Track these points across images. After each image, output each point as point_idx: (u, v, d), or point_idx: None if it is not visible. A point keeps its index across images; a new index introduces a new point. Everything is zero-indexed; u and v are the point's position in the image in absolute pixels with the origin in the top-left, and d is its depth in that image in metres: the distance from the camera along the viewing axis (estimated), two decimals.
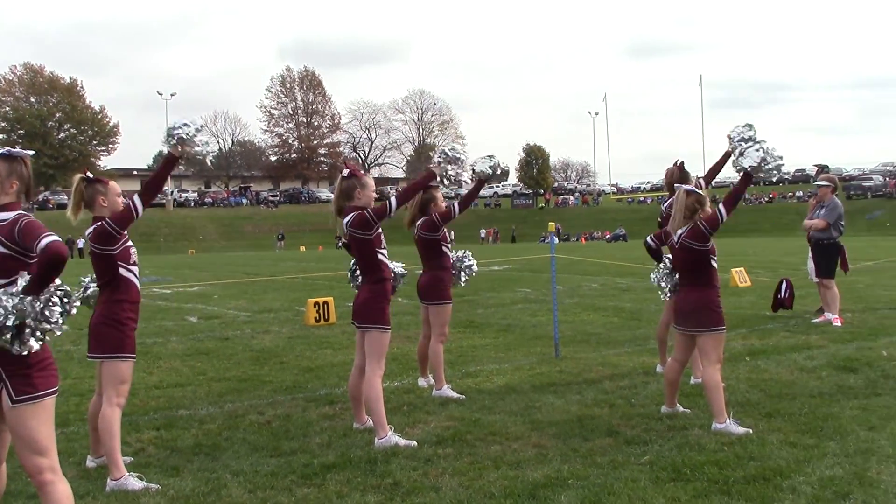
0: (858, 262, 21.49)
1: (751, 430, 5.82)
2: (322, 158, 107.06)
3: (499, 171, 7.05)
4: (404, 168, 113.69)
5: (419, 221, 7.50)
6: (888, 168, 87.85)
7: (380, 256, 6.02)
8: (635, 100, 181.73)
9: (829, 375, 7.79)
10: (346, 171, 6.14)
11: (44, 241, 3.44)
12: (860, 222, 64.19)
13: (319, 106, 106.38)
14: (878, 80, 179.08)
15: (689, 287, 6.12)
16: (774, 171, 6.13)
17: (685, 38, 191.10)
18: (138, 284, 5.26)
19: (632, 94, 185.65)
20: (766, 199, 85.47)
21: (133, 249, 5.27)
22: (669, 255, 6.62)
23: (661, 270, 6.73)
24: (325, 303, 13.13)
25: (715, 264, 6.10)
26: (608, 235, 72.19)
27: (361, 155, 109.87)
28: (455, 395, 7.33)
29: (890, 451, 5.28)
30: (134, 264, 5.23)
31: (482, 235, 76.56)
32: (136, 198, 5.13)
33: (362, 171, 6.31)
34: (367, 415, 6.15)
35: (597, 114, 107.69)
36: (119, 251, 5.13)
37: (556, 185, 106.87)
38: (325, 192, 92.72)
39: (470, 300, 16.04)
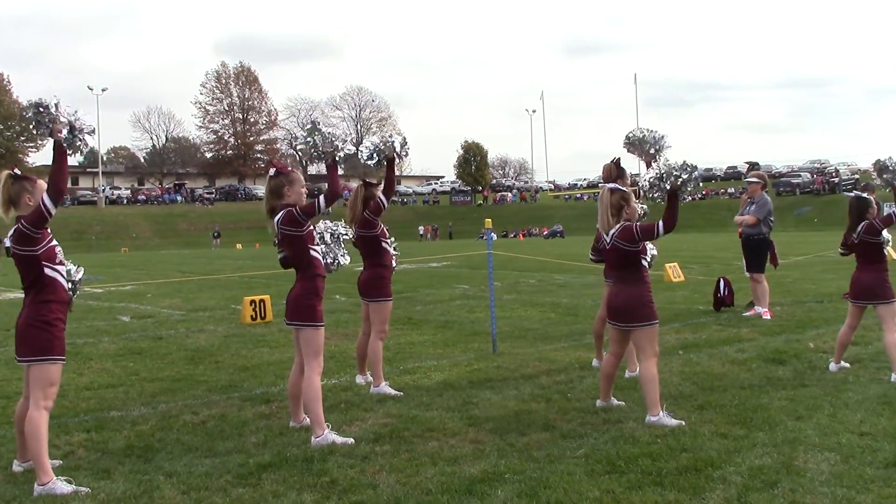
0: (787, 257, 22.04)
1: (683, 423, 5.93)
2: (259, 155, 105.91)
3: (398, 146, 7.16)
4: (342, 163, 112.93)
5: (359, 220, 7.47)
6: (816, 166, 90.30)
7: (312, 253, 5.97)
8: (572, 98, 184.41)
9: (758, 367, 7.97)
10: (272, 171, 6.09)
11: None
12: (789, 218, 65.82)
13: (256, 102, 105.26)
14: (807, 81, 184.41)
15: (621, 284, 6.20)
16: (681, 183, 5.91)
17: (620, 37, 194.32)
18: (65, 284, 5.13)
19: (569, 92, 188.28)
20: (699, 195, 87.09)
21: (58, 249, 5.11)
22: None
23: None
24: (262, 301, 12.98)
25: (646, 263, 6.19)
26: (546, 232, 72.92)
27: (299, 153, 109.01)
28: (393, 391, 7.32)
29: (816, 441, 5.42)
30: (60, 263, 5.08)
31: (420, 232, 76.57)
32: (44, 196, 4.90)
33: (289, 168, 6.25)
34: (305, 413, 6.09)
35: (534, 111, 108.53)
36: (42, 251, 4.98)
37: (494, 182, 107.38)
38: (261, 190, 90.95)
39: (408, 297, 16.03)
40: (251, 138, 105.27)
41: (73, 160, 6.54)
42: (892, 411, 6.11)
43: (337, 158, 6.02)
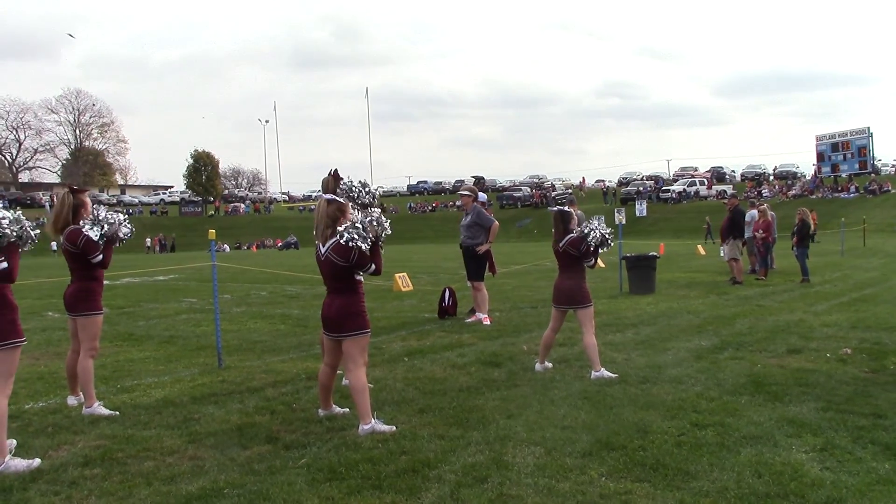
0: (507, 266, 23.42)
1: (395, 428, 6.06)
2: None
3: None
4: (59, 172, 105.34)
5: (66, 231, 6.94)
6: (535, 181, 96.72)
7: None
8: (305, 110, 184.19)
9: (477, 370, 8.40)
10: None
11: None
12: (511, 229, 69.97)
13: None
14: (521, 101, 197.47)
15: (335, 294, 6.21)
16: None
17: (349, 52, 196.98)
18: None
19: (302, 104, 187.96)
20: (430, 208, 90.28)
21: None
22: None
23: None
24: None
25: (360, 277, 6.22)
26: (280, 243, 72.16)
27: (8, 157, 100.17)
28: (107, 412, 6.90)
29: (525, 436, 5.80)
30: None
31: (147, 244, 72.95)
32: None
33: None
34: None
35: (267, 122, 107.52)
36: None
37: (226, 192, 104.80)
38: None
39: (130, 312, 15.24)
40: None
41: None
42: (591, 405, 6.67)
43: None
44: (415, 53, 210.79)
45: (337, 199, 6.23)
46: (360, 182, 7.28)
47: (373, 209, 6.46)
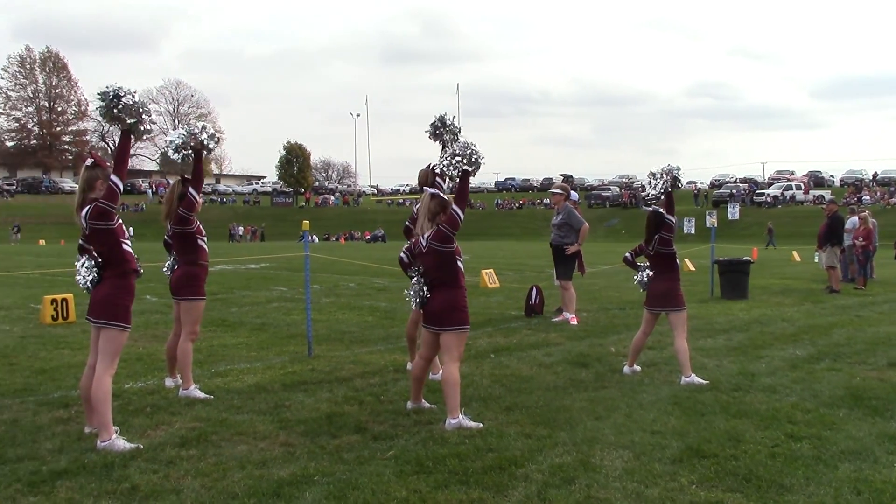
0: (595, 266, 23.18)
1: (482, 425, 6.07)
2: (66, 147, 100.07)
3: (205, 137, 6.90)
4: (158, 160, 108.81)
5: (173, 215, 7.18)
6: (624, 180, 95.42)
7: (123, 247, 5.72)
8: (396, 104, 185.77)
9: (563, 370, 8.34)
10: (89, 161, 5.78)
11: None
12: (599, 229, 69.20)
13: (64, 91, 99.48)
14: (610, 100, 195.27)
15: (438, 287, 6.30)
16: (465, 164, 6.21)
17: (442, 48, 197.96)
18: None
19: (392, 98, 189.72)
20: (517, 205, 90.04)
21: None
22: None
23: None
24: (64, 300, 12.30)
25: (461, 265, 6.33)
26: (368, 236, 72.98)
27: (111, 145, 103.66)
28: (202, 395, 7.12)
29: (612, 439, 5.74)
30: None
31: (240, 233, 74.72)
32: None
33: (108, 163, 5.95)
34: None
35: (358, 115, 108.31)
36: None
37: (316, 184, 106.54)
38: (68, 183, 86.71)
39: (223, 298, 15.65)
40: (58, 128, 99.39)
41: None
42: (681, 411, 6.56)
43: (133, 128, 5.63)
44: (504, 50, 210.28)
45: (440, 194, 6.29)
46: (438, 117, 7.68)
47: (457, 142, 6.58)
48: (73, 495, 4.62)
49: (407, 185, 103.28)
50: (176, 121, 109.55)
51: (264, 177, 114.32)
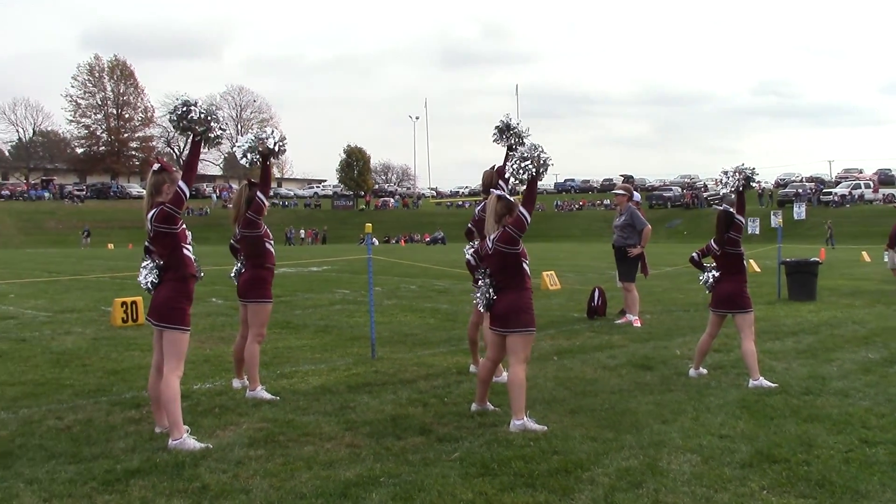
0: (658, 268, 22.88)
1: (546, 428, 6.03)
2: (133, 152, 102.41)
3: (272, 143, 7.00)
4: (221, 165, 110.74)
5: (241, 219, 7.31)
6: (686, 180, 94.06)
7: (184, 252, 5.84)
8: (454, 106, 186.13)
9: (628, 373, 8.26)
10: (156, 166, 5.92)
11: None
12: (660, 230, 68.30)
13: (131, 98, 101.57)
14: (670, 99, 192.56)
15: (504, 289, 6.28)
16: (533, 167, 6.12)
17: (501, 49, 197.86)
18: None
19: (451, 100, 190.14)
20: (577, 206, 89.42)
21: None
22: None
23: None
24: (134, 302, 12.58)
25: (527, 267, 6.30)
26: (427, 238, 73.21)
27: (176, 150, 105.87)
28: (269, 396, 7.22)
29: (679, 443, 5.66)
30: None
31: (302, 236, 75.61)
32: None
33: (174, 167, 6.09)
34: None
35: (417, 118, 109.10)
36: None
37: (376, 187, 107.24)
38: (135, 188, 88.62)
39: (287, 301, 15.85)
40: (125, 135, 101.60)
41: None
42: (750, 415, 6.44)
43: (204, 137, 5.84)
44: (562, 51, 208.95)
45: (506, 195, 6.28)
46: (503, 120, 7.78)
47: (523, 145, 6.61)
48: (146, 494, 4.72)
49: (466, 187, 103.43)
50: (239, 126, 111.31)
51: (325, 180, 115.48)
